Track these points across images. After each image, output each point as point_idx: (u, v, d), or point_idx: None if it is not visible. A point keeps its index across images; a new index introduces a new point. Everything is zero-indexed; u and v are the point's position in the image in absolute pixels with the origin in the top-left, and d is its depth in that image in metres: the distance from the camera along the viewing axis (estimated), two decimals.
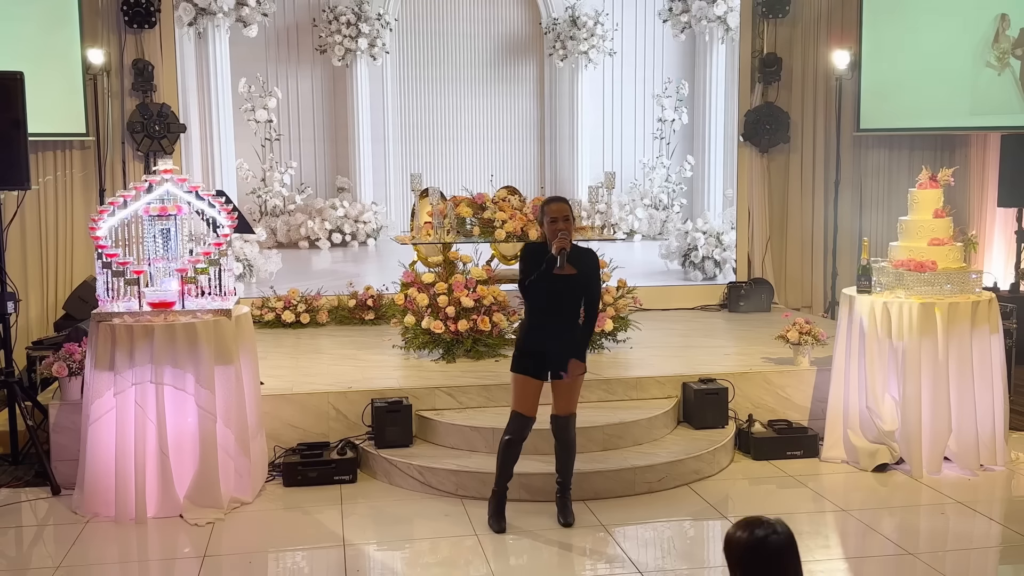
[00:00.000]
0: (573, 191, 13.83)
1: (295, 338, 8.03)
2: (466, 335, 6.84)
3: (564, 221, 4.74)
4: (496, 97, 14.92)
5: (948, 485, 5.60)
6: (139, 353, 5.10)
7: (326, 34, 13.78)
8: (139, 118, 8.37)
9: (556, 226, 4.72)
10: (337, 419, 6.00)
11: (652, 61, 15.11)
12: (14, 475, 5.81)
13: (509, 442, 4.88)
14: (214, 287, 5.34)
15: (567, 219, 4.75)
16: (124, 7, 8.18)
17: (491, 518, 4.96)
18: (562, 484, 5.00)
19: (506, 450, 4.89)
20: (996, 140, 8.74)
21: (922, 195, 6.04)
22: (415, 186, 7.75)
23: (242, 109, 13.15)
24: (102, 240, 5.22)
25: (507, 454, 4.90)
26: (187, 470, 5.19)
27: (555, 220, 4.74)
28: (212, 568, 4.59)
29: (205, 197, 5.42)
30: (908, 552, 4.68)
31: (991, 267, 8.90)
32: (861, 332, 5.92)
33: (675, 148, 14.74)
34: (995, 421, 5.84)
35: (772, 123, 9.38)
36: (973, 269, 6.05)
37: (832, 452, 6.01)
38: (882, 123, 9.12)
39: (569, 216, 4.78)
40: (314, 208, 13.63)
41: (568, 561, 4.65)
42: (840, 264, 9.24)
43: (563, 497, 5.01)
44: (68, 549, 4.79)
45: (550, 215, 4.77)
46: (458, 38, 14.67)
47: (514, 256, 8.27)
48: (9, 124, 5.76)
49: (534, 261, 4.76)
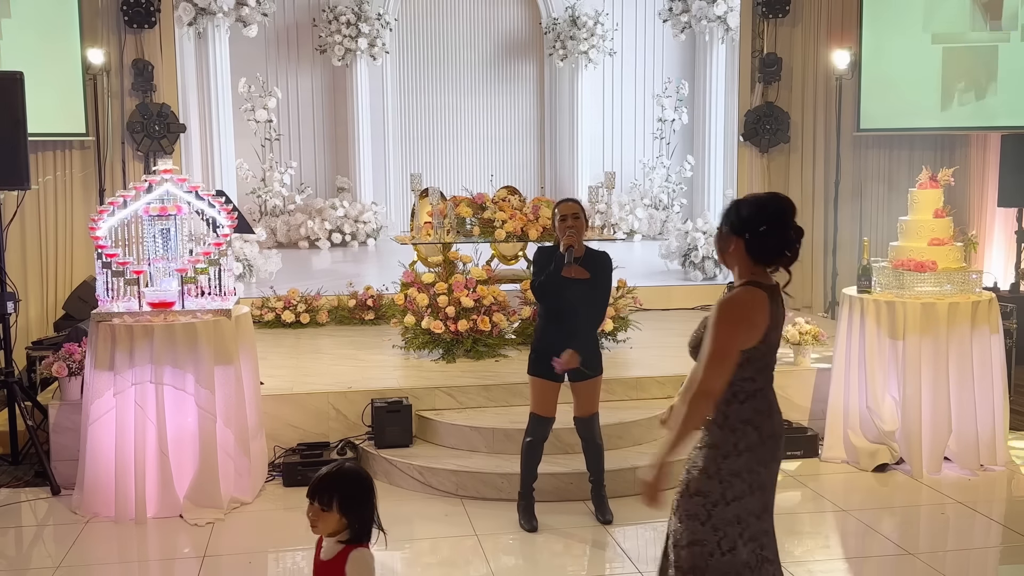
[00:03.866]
0: (573, 191, 13.83)
1: (295, 338, 8.03)
2: (466, 335, 6.84)
3: (573, 219, 4.76)
4: (496, 97, 14.94)
5: (948, 485, 5.60)
6: (139, 353, 5.10)
7: (326, 34, 13.79)
8: (139, 118, 8.37)
9: (565, 223, 4.75)
10: (337, 419, 6.00)
11: (652, 61, 15.13)
12: (14, 475, 5.81)
13: (531, 444, 4.90)
14: (214, 287, 5.34)
15: (576, 216, 4.78)
16: (124, 7, 8.18)
17: (521, 519, 4.97)
18: (595, 482, 5.02)
19: (529, 452, 4.91)
20: (996, 140, 8.74)
21: (922, 195, 6.04)
22: (415, 186, 7.75)
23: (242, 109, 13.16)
24: (102, 240, 5.21)
25: (530, 456, 4.92)
26: (187, 470, 5.19)
27: (564, 218, 4.77)
28: (212, 568, 4.59)
29: (205, 197, 5.42)
30: (908, 552, 4.68)
31: (991, 267, 8.90)
32: (861, 332, 5.92)
33: (675, 148, 14.74)
34: (995, 421, 5.84)
35: (772, 123, 9.38)
36: (973, 269, 6.05)
37: (832, 452, 6.01)
38: (882, 123, 9.11)
39: (579, 215, 4.80)
40: (314, 208, 13.64)
41: (568, 561, 4.66)
42: (840, 264, 9.24)
43: (598, 495, 5.03)
44: (68, 549, 4.79)
45: (560, 214, 4.81)
46: (458, 38, 14.68)
47: (514, 256, 8.27)
48: (9, 124, 5.76)
49: (543, 263, 4.80)
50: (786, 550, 4.68)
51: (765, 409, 3.00)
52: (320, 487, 2.90)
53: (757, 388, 2.99)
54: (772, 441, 3.00)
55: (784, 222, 2.92)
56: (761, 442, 2.96)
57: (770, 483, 3.02)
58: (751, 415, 2.96)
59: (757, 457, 2.96)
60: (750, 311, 2.92)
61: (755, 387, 2.98)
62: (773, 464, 3.02)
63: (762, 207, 2.95)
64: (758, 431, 2.96)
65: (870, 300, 5.91)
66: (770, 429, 2.99)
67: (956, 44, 8.79)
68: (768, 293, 2.95)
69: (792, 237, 2.92)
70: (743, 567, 2.94)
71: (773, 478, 3.03)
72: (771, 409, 3.02)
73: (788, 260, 2.96)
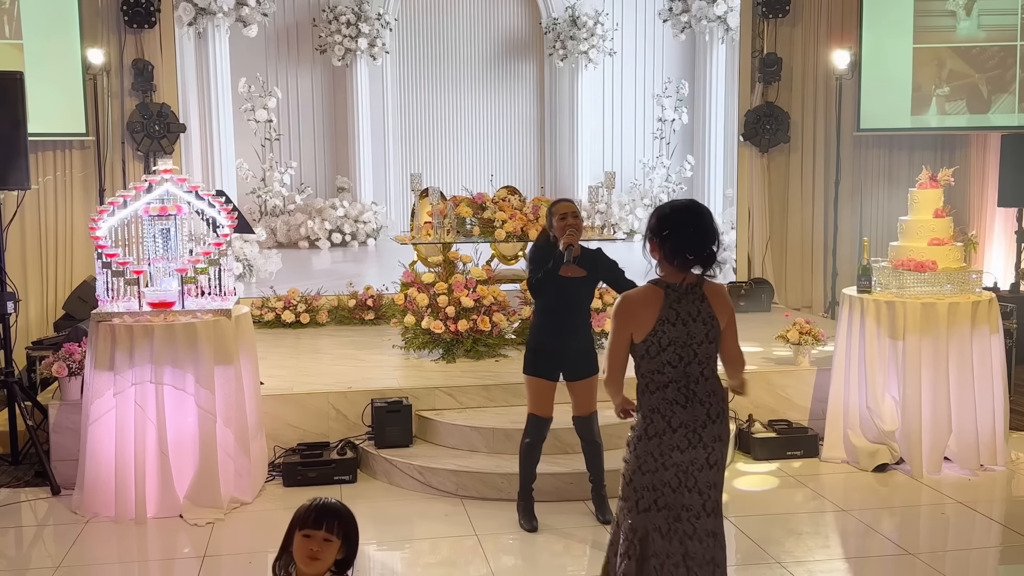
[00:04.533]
0: (573, 191, 13.83)
1: (295, 338, 8.03)
2: (466, 335, 6.84)
3: (574, 217, 4.72)
4: (496, 97, 14.94)
5: (948, 485, 5.60)
6: (139, 353, 5.10)
7: (326, 34, 13.80)
8: (139, 118, 8.37)
9: (566, 222, 4.70)
10: (337, 419, 6.00)
11: (652, 61, 15.13)
12: (14, 475, 5.81)
13: (529, 445, 4.88)
14: (214, 287, 5.33)
15: (576, 215, 4.74)
16: (124, 7, 8.18)
17: (522, 519, 4.95)
18: (595, 481, 5.00)
19: (527, 453, 4.90)
20: (996, 140, 8.74)
21: (922, 195, 6.04)
22: (415, 186, 7.75)
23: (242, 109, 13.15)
24: (102, 240, 5.21)
25: (529, 457, 4.90)
26: (187, 470, 5.19)
27: (564, 217, 4.72)
28: (212, 568, 4.59)
29: (205, 197, 5.42)
30: (908, 552, 4.68)
31: (991, 267, 8.90)
32: (861, 332, 5.91)
33: (675, 148, 14.75)
34: (995, 421, 5.83)
35: (772, 123, 9.38)
36: (973, 269, 6.05)
37: (832, 452, 6.01)
38: (882, 123, 9.12)
39: (578, 213, 4.77)
40: (314, 208, 13.65)
41: (568, 561, 4.66)
42: (840, 264, 9.24)
43: (598, 494, 5.01)
44: (68, 549, 4.79)
45: (558, 213, 4.75)
46: (458, 38, 14.68)
47: (514, 256, 8.27)
48: (9, 124, 5.76)
49: (541, 260, 4.74)
50: (786, 550, 4.69)
51: (680, 400, 3.27)
52: (327, 513, 2.76)
53: (668, 380, 3.27)
54: (684, 430, 3.26)
55: (683, 226, 3.23)
56: (671, 430, 3.26)
57: (693, 466, 3.28)
58: (658, 404, 3.27)
59: (668, 443, 3.26)
60: (634, 306, 3.28)
61: (665, 379, 3.27)
62: (693, 451, 3.27)
63: (665, 216, 3.27)
64: (667, 420, 3.26)
65: (870, 300, 5.90)
66: (682, 419, 3.26)
67: (956, 44, 8.79)
68: (667, 290, 3.26)
69: (693, 240, 3.22)
70: (653, 529, 3.29)
71: (699, 462, 3.29)
72: (688, 401, 3.27)
73: (699, 259, 3.25)
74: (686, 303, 3.26)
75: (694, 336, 3.26)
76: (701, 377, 3.30)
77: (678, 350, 3.25)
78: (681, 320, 3.24)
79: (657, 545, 3.28)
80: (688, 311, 3.25)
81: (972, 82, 8.83)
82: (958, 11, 8.77)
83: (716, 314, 3.29)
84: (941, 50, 8.85)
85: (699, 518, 3.29)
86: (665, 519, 3.29)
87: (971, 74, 8.82)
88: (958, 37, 8.80)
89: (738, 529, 4.97)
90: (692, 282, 3.27)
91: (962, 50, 8.81)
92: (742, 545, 4.81)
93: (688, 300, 3.26)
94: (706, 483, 3.30)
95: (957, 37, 8.81)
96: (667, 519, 3.29)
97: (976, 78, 8.82)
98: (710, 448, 3.29)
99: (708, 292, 3.30)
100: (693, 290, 3.27)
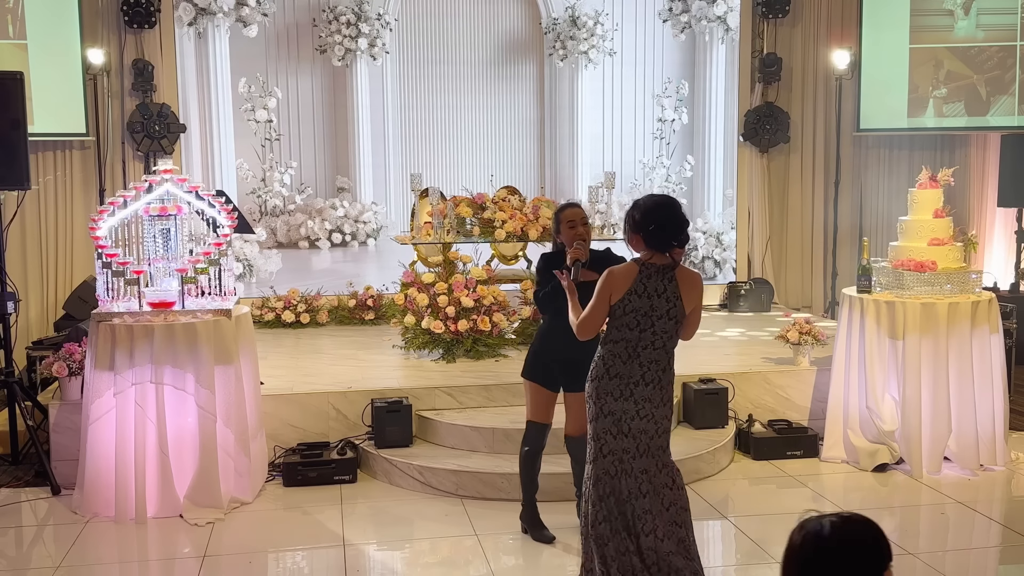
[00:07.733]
0: (573, 191, 13.82)
1: (295, 338, 8.03)
2: (466, 335, 6.84)
3: (583, 225, 4.49)
4: (496, 97, 14.90)
5: (948, 485, 5.60)
6: (139, 353, 5.10)
7: (326, 34, 13.77)
8: (139, 118, 8.38)
9: (575, 231, 4.46)
10: (337, 419, 6.00)
11: (652, 61, 15.10)
12: (14, 475, 5.82)
13: (528, 453, 4.73)
14: (214, 287, 5.34)
15: (585, 223, 4.51)
16: (124, 7, 8.18)
17: (531, 531, 4.82)
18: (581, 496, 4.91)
19: (528, 462, 4.75)
20: (996, 140, 8.75)
21: (922, 195, 6.04)
22: (415, 186, 7.76)
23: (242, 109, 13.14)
24: (102, 240, 5.21)
25: (530, 466, 4.75)
26: (187, 470, 5.19)
27: (573, 224, 4.48)
28: (212, 568, 4.59)
29: (205, 197, 5.42)
30: (908, 552, 4.68)
31: (991, 267, 8.90)
32: (861, 332, 5.91)
33: (675, 148, 14.73)
34: (995, 421, 5.83)
35: (772, 123, 9.39)
36: (973, 269, 6.05)
37: (832, 452, 6.01)
38: (882, 123, 9.12)
39: (587, 220, 4.55)
40: (314, 208, 13.62)
41: (568, 561, 4.65)
42: (840, 264, 9.24)
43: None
44: (68, 549, 4.79)
45: (566, 220, 4.52)
46: (458, 38, 14.66)
47: (514, 256, 8.27)
48: (9, 124, 5.76)
49: (549, 271, 4.43)
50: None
51: (622, 356, 3.78)
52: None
53: (621, 337, 3.78)
54: (619, 380, 3.77)
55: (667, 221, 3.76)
56: (608, 377, 3.79)
57: (625, 415, 3.78)
58: (605, 354, 3.82)
59: (604, 388, 3.79)
60: (617, 277, 3.78)
61: (619, 336, 3.78)
62: (625, 402, 3.77)
63: (648, 212, 3.78)
64: (607, 369, 3.80)
65: (870, 300, 5.90)
66: (619, 371, 3.78)
67: (956, 44, 8.79)
68: (642, 267, 3.76)
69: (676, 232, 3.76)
70: (603, 473, 3.81)
71: (630, 413, 3.78)
72: (630, 358, 3.77)
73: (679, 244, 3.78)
74: (655, 281, 3.75)
75: (656, 309, 3.75)
76: (651, 345, 3.77)
77: (638, 317, 3.75)
78: (647, 294, 3.75)
79: (605, 485, 3.81)
80: (655, 287, 3.75)
81: (971, 83, 8.84)
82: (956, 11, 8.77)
83: (681, 295, 3.76)
84: (940, 50, 8.86)
85: (635, 459, 3.78)
86: (612, 463, 3.80)
87: (970, 75, 8.83)
88: (956, 37, 8.81)
89: (738, 529, 4.97)
90: (664, 263, 3.77)
91: (961, 50, 8.82)
92: (742, 545, 4.81)
93: (657, 278, 3.75)
94: (639, 430, 3.78)
95: (955, 37, 8.81)
96: (612, 462, 3.80)
97: (975, 79, 8.83)
98: (640, 404, 3.77)
99: (680, 276, 3.78)
100: (664, 271, 3.76)
